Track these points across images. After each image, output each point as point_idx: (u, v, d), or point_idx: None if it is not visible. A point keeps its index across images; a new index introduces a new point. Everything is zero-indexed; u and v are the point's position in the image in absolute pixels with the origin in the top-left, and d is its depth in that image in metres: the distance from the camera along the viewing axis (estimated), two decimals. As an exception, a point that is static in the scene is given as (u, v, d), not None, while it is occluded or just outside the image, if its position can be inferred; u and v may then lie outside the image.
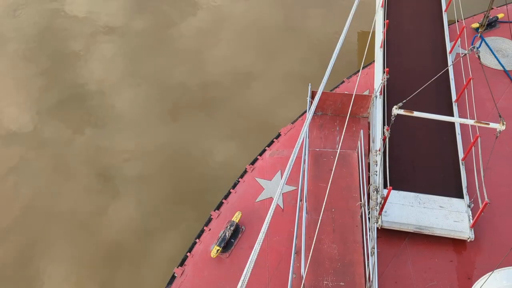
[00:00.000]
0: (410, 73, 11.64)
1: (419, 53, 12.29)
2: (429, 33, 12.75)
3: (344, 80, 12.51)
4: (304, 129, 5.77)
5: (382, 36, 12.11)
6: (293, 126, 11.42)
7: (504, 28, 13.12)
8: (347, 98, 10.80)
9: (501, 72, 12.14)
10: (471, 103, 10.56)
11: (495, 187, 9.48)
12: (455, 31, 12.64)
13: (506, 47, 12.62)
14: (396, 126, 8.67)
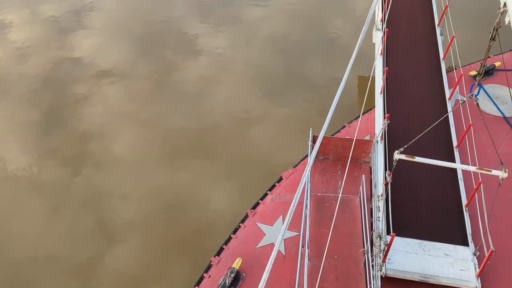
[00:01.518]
0: (411, 119, 11.74)
1: (419, 99, 12.46)
2: (428, 80, 12.99)
3: (345, 125, 12.60)
4: (305, 173, 5.75)
5: (382, 82, 12.33)
6: (295, 170, 11.38)
7: (501, 76, 13.38)
8: (348, 143, 10.83)
9: (501, 118, 12.25)
10: (472, 149, 10.57)
11: (500, 234, 9.30)
12: (453, 78, 12.87)
13: (504, 94, 12.81)
14: (398, 171, 8.63)
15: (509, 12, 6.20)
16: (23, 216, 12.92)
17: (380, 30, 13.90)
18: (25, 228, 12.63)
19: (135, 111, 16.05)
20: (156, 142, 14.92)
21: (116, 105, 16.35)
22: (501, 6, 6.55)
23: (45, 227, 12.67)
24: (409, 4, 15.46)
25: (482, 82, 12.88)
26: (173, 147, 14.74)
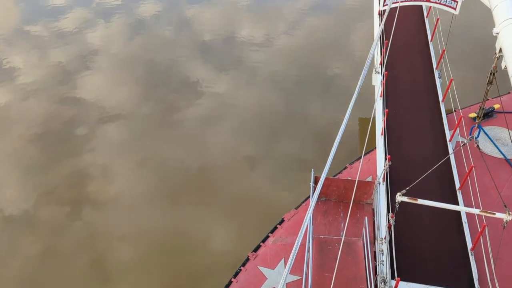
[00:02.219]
0: (412, 160, 11.75)
1: (419, 140, 12.52)
2: (428, 122, 13.10)
3: (346, 166, 12.59)
4: (308, 215, 5.67)
5: (382, 124, 12.44)
6: (297, 211, 11.27)
7: (501, 118, 13.50)
8: (350, 184, 10.79)
9: (502, 160, 12.25)
10: (475, 191, 10.50)
11: (507, 279, 9.07)
12: (453, 120, 12.99)
13: (505, 136, 12.87)
14: (401, 213, 8.54)
15: (505, 57, 6.35)
16: (18, 256, 12.67)
17: (380, 73, 14.18)
18: (20, 268, 12.36)
19: (135, 151, 16.10)
20: (155, 182, 14.87)
21: (117, 146, 16.42)
22: (497, 52, 6.72)
23: (40, 267, 12.40)
24: (407, 48, 15.84)
25: (482, 124, 12.98)
26: (172, 187, 14.67)
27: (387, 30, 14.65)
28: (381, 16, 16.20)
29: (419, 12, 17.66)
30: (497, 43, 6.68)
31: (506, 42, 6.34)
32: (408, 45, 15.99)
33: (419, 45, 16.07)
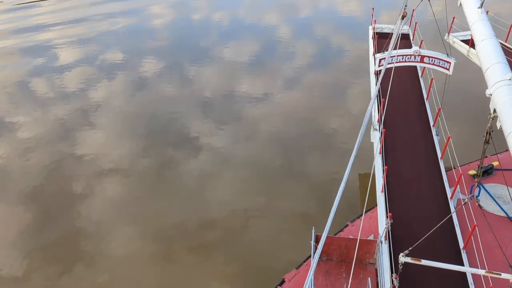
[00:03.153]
0: (414, 218, 11.60)
1: (420, 198, 12.44)
2: (428, 179, 13.09)
3: (347, 224, 12.42)
4: (309, 276, 5.51)
5: (382, 181, 12.42)
6: (298, 271, 10.96)
7: (501, 175, 13.48)
8: (352, 243, 10.58)
9: (505, 218, 12.10)
10: (480, 250, 10.28)
11: None
12: (453, 177, 12.98)
13: (506, 193, 12.79)
14: (405, 273, 8.30)
15: (499, 118, 6.47)
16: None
17: (378, 130, 14.37)
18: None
19: (132, 207, 15.91)
20: (151, 239, 14.56)
21: (114, 202, 16.26)
22: (491, 112, 6.85)
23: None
24: (404, 105, 16.17)
25: (482, 181, 12.95)
26: (168, 244, 14.35)
27: (383, 88, 15.06)
28: (377, 75, 16.71)
29: (414, 71, 18.24)
30: (491, 104, 6.82)
31: (500, 103, 6.47)
32: (404, 103, 16.34)
33: (416, 103, 16.42)
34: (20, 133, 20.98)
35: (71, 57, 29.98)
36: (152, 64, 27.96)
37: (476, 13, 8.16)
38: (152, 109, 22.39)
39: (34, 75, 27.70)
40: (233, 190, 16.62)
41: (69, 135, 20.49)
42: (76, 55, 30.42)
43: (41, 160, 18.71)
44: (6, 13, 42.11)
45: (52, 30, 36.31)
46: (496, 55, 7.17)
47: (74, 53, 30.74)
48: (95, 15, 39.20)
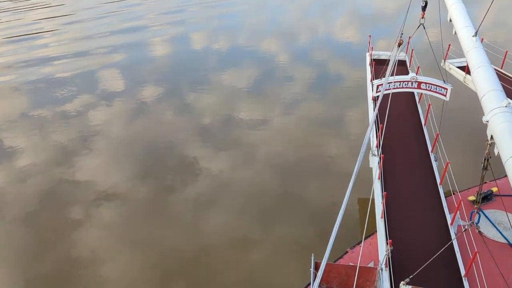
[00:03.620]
0: (414, 245, 11.47)
1: (420, 224, 12.33)
2: (427, 205, 13.02)
3: (347, 251, 12.27)
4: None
5: (382, 207, 12.35)
6: None
7: (501, 201, 13.41)
8: (352, 270, 10.42)
9: (506, 245, 11.97)
10: (481, 277, 10.13)
11: None
12: (452, 203, 12.92)
13: (506, 220, 12.69)
14: None
15: (497, 145, 6.50)
16: None
17: (376, 156, 14.38)
18: None
19: (129, 234, 15.73)
20: (148, 266, 14.32)
21: (111, 229, 16.09)
22: (488, 138, 6.90)
23: None
24: (402, 131, 16.24)
25: (482, 207, 12.87)
26: (165, 271, 14.11)
27: (381, 114, 15.15)
28: (375, 101, 16.85)
29: (411, 97, 18.40)
30: (488, 131, 6.87)
31: (497, 130, 6.52)
32: (402, 128, 16.42)
33: (413, 128, 16.50)
34: (17, 158, 20.95)
35: (74, 84, 30.30)
36: (152, 90, 28.22)
37: (471, 41, 8.32)
38: (151, 135, 22.45)
39: (36, 102, 27.91)
40: (231, 216, 16.48)
41: (67, 160, 20.47)
42: (78, 82, 30.76)
43: (38, 186, 18.62)
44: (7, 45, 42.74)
45: (54, 62, 36.78)
46: (491, 83, 7.27)
47: (76, 79, 31.09)
48: (97, 48, 39.81)
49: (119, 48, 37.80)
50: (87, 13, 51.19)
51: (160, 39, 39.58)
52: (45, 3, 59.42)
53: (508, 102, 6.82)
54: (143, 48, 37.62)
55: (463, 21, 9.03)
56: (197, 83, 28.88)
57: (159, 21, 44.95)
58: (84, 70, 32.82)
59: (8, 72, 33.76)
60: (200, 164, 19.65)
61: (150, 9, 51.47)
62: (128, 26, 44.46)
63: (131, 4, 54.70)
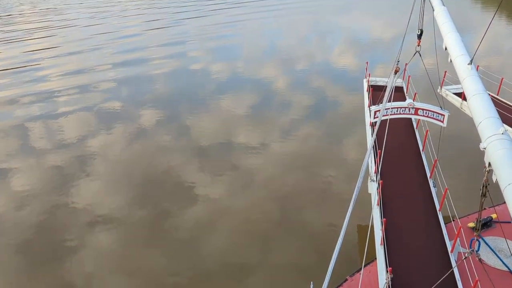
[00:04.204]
0: (414, 272, 11.31)
1: (420, 251, 12.19)
2: (427, 231, 12.90)
3: (347, 278, 12.07)
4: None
5: (381, 233, 12.23)
6: None
7: (501, 228, 13.29)
8: (352, 299, 10.24)
9: (507, 273, 11.79)
10: None
11: None
12: (452, 230, 12.81)
13: (506, 247, 12.55)
14: None
15: (495, 172, 6.50)
16: None
17: (375, 181, 14.35)
18: None
19: (125, 260, 15.49)
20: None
21: (106, 254, 15.86)
22: (486, 165, 6.90)
23: None
24: (400, 156, 16.25)
25: (482, 234, 12.75)
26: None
27: (379, 139, 15.20)
28: (372, 127, 16.94)
29: (409, 123, 18.50)
30: (486, 158, 6.88)
31: (494, 157, 6.53)
32: (400, 154, 16.43)
33: (412, 153, 16.53)
34: (12, 181, 20.83)
35: (70, 106, 30.46)
36: (150, 114, 28.37)
37: (466, 69, 8.43)
38: (149, 159, 22.43)
39: (32, 120, 28.00)
40: (228, 242, 16.29)
41: (63, 183, 20.36)
42: (74, 103, 30.94)
43: (34, 210, 18.44)
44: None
45: (52, 79, 37.11)
46: (487, 110, 7.33)
47: (73, 102, 31.28)
48: (97, 69, 40.24)
49: (119, 77, 38.22)
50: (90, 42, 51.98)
51: (160, 71, 40.06)
52: (40, 35, 60.42)
53: (505, 129, 6.85)
54: (143, 75, 38.01)
55: (458, 49, 9.18)
56: (196, 108, 29.07)
57: (159, 53, 45.54)
58: (83, 98, 33.03)
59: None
60: (198, 189, 19.57)
61: (150, 40, 52.31)
62: (127, 57, 45.06)
63: (129, 35, 55.61)
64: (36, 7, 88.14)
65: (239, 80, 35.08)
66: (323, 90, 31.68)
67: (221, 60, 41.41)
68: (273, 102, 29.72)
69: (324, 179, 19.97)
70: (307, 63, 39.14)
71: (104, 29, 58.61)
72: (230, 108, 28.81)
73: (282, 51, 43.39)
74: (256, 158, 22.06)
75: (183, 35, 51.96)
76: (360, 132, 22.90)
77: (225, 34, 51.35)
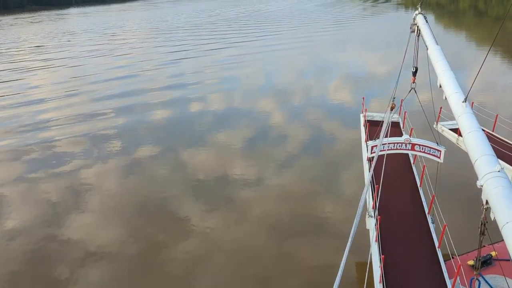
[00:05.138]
0: None
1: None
2: (427, 269, 12.67)
3: (345, 318, 11.73)
4: None
5: (380, 271, 12.00)
6: None
7: (502, 265, 13.08)
8: None
9: (511, 314, 11.51)
10: None
11: None
12: (451, 267, 12.58)
13: (506, 286, 12.31)
14: None
15: (492, 210, 6.45)
16: None
17: (373, 217, 14.21)
18: None
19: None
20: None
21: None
22: (484, 203, 6.85)
23: None
24: (397, 192, 16.17)
25: (482, 272, 12.51)
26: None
27: (376, 174, 15.17)
28: (370, 161, 16.95)
29: (406, 158, 18.54)
30: (483, 195, 6.83)
31: (491, 195, 6.49)
32: (398, 189, 16.37)
33: (409, 189, 16.46)
34: (2, 212, 20.54)
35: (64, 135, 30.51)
36: (147, 147, 28.38)
37: (461, 107, 8.52)
38: (143, 191, 22.22)
39: (26, 147, 27.93)
40: (223, 278, 15.92)
41: (56, 217, 20.06)
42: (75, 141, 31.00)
43: (24, 244, 18.06)
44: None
45: (53, 128, 37.33)
46: (483, 148, 7.34)
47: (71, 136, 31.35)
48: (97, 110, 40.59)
49: (118, 109, 38.53)
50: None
51: (159, 104, 40.45)
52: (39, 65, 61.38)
53: (501, 166, 6.85)
54: (141, 110, 38.35)
55: (452, 87, 9.30)
56: (192, 141, 29.13)
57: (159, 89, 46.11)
58: (81, 133, 33.15)
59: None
60: (192, 223, 19.28)
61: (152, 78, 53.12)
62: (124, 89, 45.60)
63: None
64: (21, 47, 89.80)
65: (236, 114, 35.35)
66: (320, 124, 31.89)
67: (220, 96, 41.92)
68: (269, 135, 29.83)
69: (321, 215, 19.73)
70: (303, 98, 39.60)
71: (94, 69, 59.57)
72: (226, 141, 28.86)
73: (279, 88, 44.02)
74: (251, 192, 21.89)
75: (181, 77, 52.74)
76: (357, 166, 22.88)
77: (224, 76, 52.08)
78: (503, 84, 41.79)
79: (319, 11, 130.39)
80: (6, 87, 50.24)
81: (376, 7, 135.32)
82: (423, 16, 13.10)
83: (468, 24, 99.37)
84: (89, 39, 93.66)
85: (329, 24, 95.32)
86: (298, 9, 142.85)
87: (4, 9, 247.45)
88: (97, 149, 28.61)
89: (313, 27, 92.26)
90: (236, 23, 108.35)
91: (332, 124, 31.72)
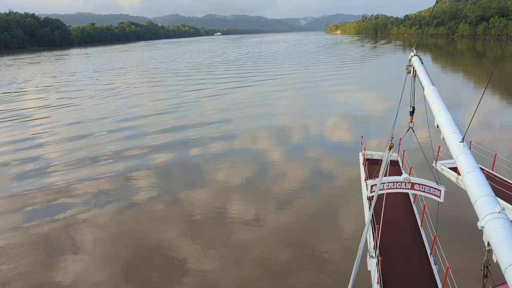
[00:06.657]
0: None
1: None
2: None
3: None
4: None
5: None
6: None
7: None
8: None
9: None
10: None
11: None
12: None
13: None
14: None
15: (494, 252, 6.33)
16: None
17: (374, 257, 13.93)
18: None
19: None
20: None
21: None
22: (485, 245, 6.73)
23: None
24: (398, 232, 15.90)
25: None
26: None
27: (377, 214, 15.01)
28: (369, 201, 16.80)
29: (406, 197, 18.38)
30: (484, 237, 6.72)
31: (492, 237, 6.38)
32: (399, 229, 16.11)
33: (410, 229, 16.21)
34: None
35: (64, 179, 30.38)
36: (145, 188, 28.17)
37: (459, 147, 8.52)
38: (138, 231, 21.74)
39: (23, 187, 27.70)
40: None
41: (47, 256, 19.55)
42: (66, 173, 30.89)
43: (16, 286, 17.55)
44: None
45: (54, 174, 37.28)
46: (482, 188, 7.28)
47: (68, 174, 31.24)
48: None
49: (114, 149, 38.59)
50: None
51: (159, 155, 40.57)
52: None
53: (502, 207, 6.78)
54: (140, 153, 38.44)
55: (449, 127, 9.35)
56: (190, 181, 28.98)
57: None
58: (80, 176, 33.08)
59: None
60: (188, 263, 18.74)
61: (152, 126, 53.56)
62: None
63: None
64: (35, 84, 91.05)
65: (233, 151, 35.40)
66: (318, 162, 31.86)
67: (220, 137, 42.13)
68: (267, 173, 29.69)
69: (320, 256, 19.24)
70: (302, 136, 39.80)
71: (98, 113, 60.24)
72: (224, 180, 28.67)
73: (279, 125, 44.34)
74: (249, 231, 21.46)
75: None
76: (356, 205, 22.67)
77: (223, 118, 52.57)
78: (501, 122, 42.19)
79: (319, 53, 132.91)
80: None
81: (376, 49, 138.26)
82: (419, 57, 13.37)
83: (466, 64, 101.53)
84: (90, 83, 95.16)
85: (332, 67, 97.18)
86: (298, 51, 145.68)
87: (5, 49, 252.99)
88: (96, 192, 28.43)
89: (314, 70, 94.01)
90: (244, 65, 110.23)
91: (331, 162, 31.68)
